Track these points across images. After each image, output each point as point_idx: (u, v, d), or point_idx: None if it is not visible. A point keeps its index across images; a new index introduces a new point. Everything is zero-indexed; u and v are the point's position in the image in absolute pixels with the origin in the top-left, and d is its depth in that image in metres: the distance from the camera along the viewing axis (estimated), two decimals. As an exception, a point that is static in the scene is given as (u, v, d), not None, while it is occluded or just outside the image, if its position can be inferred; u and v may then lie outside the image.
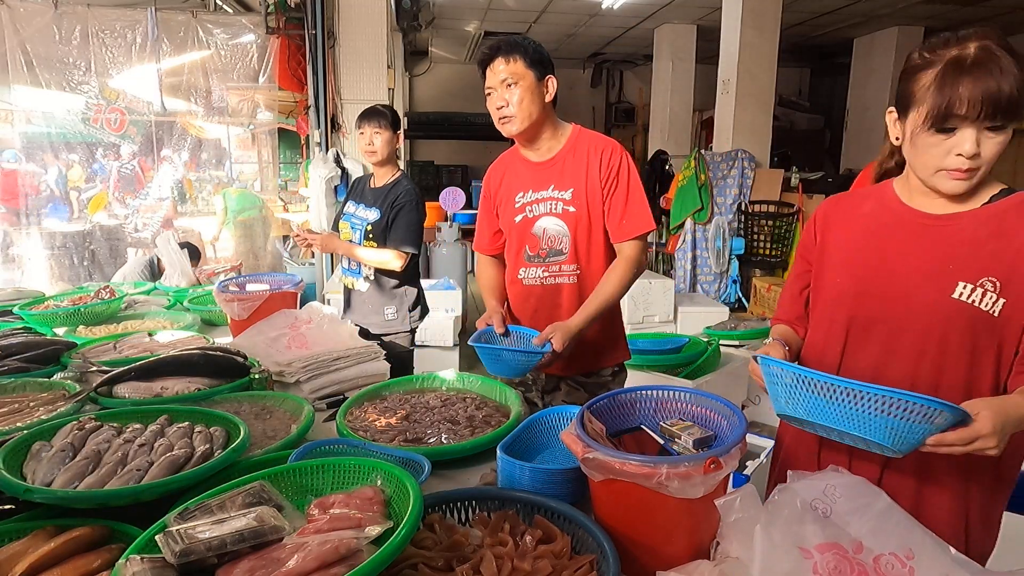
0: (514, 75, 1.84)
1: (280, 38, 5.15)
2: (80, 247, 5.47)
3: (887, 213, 1.28)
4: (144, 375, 1.78)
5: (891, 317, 1.23)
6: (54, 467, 1.22)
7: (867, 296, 1.27)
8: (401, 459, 1.34)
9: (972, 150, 1.10)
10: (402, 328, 2.79)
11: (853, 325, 1.29)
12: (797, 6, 7.39)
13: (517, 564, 1.02)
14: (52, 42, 4.89)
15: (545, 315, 1.95)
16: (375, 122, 2.71)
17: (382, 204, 2.71)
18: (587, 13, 8.15)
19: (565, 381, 2.05)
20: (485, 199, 2.10)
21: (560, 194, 1.92)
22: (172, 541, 0.93)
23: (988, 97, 1.07)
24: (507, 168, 2.04)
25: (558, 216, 1.92)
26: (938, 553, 1.04)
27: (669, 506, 1.05)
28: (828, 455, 1.34)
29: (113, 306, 2.72)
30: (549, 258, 1.94)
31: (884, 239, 1.27)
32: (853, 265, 1.30)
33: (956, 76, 1.09)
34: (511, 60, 1.84)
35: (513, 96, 1.84)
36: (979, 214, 1.17)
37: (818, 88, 11.77)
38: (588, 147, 1.91)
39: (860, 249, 1.30)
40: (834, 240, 1.35)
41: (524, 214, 1.96)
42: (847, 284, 1.31)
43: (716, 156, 6.56)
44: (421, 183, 11.82)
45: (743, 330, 4.11)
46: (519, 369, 1.81)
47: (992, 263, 1.14)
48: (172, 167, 5.86)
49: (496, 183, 2.05)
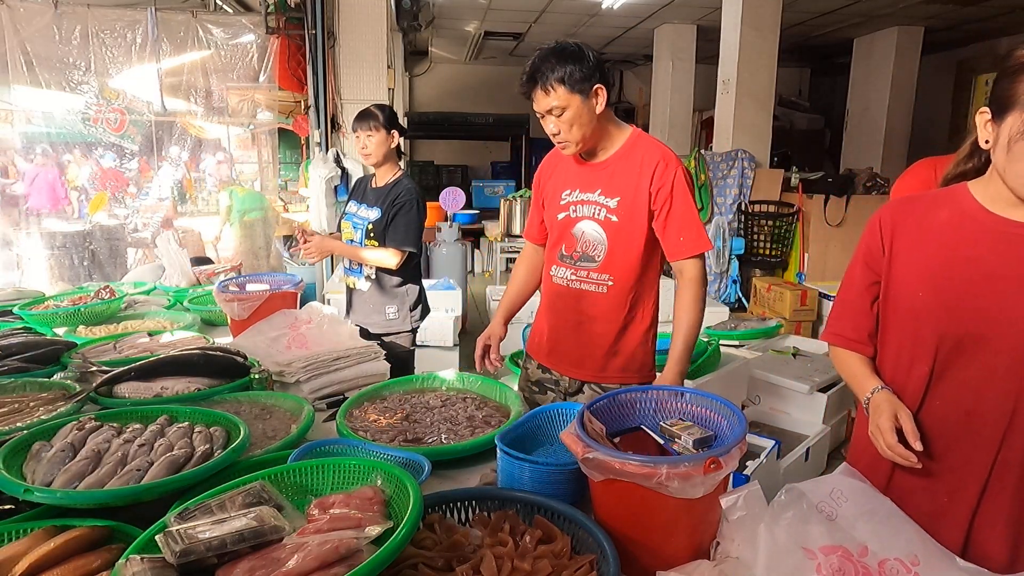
0: (559, 105, 1.72)
1: (280, 38, 5.14)
2: (80, 247, 5.47)
3: (969, 221, 1.17)
4: (144, 375, 1.78)
5: (989, 335, 1.13)
6: (54, 467, 1.22)
7: (959, 311, 1.16)
8: (401, 459, 1.34)
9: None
10: (403, 327, 2.79)
11: (943, 343, 1.18)
12: (797, 6, 7.39)
13: (517, 564, 1.02)
14: (52, 42, 4.88)
15: (565, 316, 1.94)
16: (366, 125, 2.72)
17: (383, 203, 2.72)
18: (587, 13, 8.15)
19: (590, 386, 1.99)
20: (535, 190, 2.06)
21: (606, 200, 1.84)
22: (172, 541, 0.93)
23: None
24: (558, 162, 1.96)
25: (600, 223, 1.85)
26: (944, 560, 1.04)
27: (669, 506, 1.05)
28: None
29: (113, 306, 2.72)
30: (580, 262, 1.89)
31: (970, 249, 1.16)
32: (936, 277, 1.19)
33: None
34: (551, 90, 1.71)
35: (562, 124, 1.75)
36: None
37: (818, 88, 11.77)
38: (643, 155, 1.81)
39: (942, 260, 1.18)
40: (905, 249, 1.23)
41: (567, 212, 1.90)
42: (931, 298, 1.19)
43: (716, 156, 6.56)
44: (421, 183, 11.77)
45: (743, 330, 4.12)
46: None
47: None
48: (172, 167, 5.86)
49: (547, 175, 2.00)
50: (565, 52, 1.72)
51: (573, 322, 1.92)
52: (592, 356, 1.93)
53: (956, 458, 1.21)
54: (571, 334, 1.94)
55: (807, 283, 5.83)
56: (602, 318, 1.89)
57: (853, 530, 1.06)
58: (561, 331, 1.96)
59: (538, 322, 2.06)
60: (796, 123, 10.33)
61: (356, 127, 2.76)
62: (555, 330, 1.98)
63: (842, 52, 9.57)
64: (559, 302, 1.95)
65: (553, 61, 1.70)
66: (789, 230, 6.28)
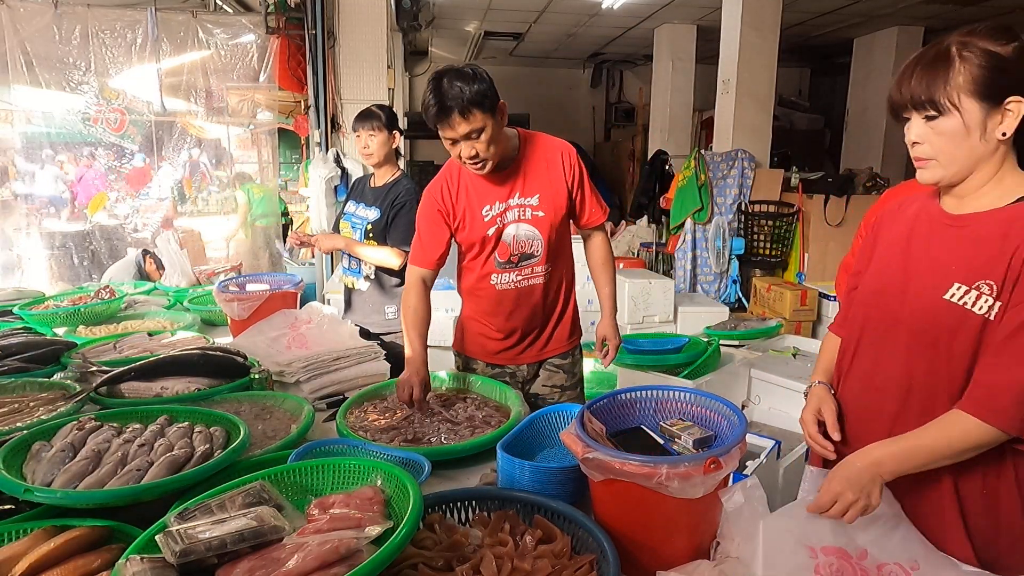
0: (476, 127, 1.74)
1: (280, 38, 5.14)
2: (80, 247, 5.47)
3: (924, 215, 1.24)
4: (144, 375, 1.78)
5: (899, 316, 1.21)
6: (54, 467, 1.22)
7: (882, 295, 1.25)
8: (401, 459, 1.34)
9: (910, 139, 1.14)
10: (402, 328, 2.79)
11: (866, 325, 1.27)
12: (797, 6, 7.39)
13: (517, 564, 1.02)
14: (52, 42, 4.88)
15: (521, 314, 2.05)
16: (368, 125, 2.72)
17: (382, 203, 2.72)
18: (587, 13, 8.15)
19: (543, 367, 2.15)
20: (434, 217, 2.00)
21: (526, 200, 1.95)
22: (172, 541, 0.93)
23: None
24: (462, 183, 1.97)
25: (527, 222, 1.96)
26: (947, 567, 1.04)
27: (669, 506, 1.05)
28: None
29: (113, 306, 2.72)
30: (521, 262, 1.99)
31: (911, 240, 1.23)
32: (880, 266, 1.28)
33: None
34: (469, 115, 1.72)
35: (480, 146, 1.78)
36: (994, 216, 1.13)
37: (818, 88, 11.77)
38: (543, 151, 1.97)
39: (892, 250, 1.27)
40: (881, 242, 1.31)
41: (496, 225, 1.94)
42: (868, 285, 1.29)
43: (716, 156, 6.55)
44: (421, 183, 11.74)
45: (743, 330, 4.11)
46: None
47: (993, 266, 1.10)
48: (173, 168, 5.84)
49: (452, 199, 1.98)
50: (466, 76, 1.73)
51: (528, 316, 2.05)
52: (548, 335, 2.11)
53: (859, 430, 1.28)
54: (527, 326, 2.07)
55: (807, 283, 5.83)
56: (550, 301, 2.08)
57: (855, 533, 1.07)
58: (518, 329, 2.07)
59: (477, 328, 2.10)
60: (796, 123, 10.32)
61: (357, 127, 2.76)
62: (509, 331, 2.07)
63: (842, 52, 9.57)
64: (505, 305, 2.03)
65: (460, 86, 1.70)
66: (789, 230, 6.28)
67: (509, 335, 2.07)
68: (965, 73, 1.07)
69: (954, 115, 1.08)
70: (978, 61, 1.06)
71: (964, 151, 1.10)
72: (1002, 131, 1.09)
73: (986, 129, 1.09)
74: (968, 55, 1.07)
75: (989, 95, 1.07)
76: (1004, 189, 1.13)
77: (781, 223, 6.27)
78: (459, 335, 2.18)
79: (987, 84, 1.06)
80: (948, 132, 1.10)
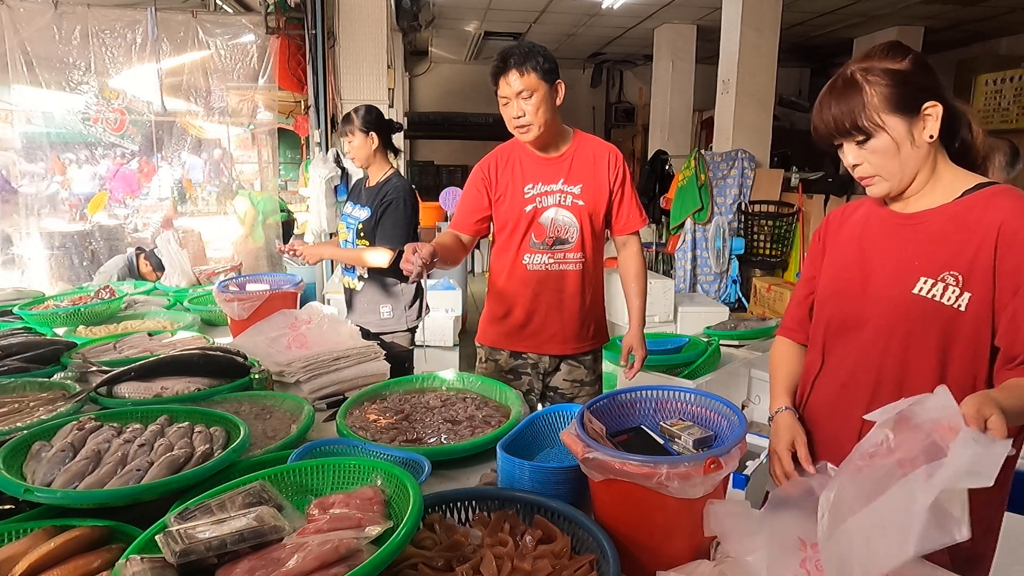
0: (529, 87, 1.91)
1: (280, 38, 5.14)
2: (80, 247, 5.46)
3: (874, 217, 1.30)
4: (144, 375, 1.78)
5: (863, 315, 1.25)
6: (54, 467, 1.22)
7: (843, 296, 1.29)
8: (401, 459, 1.34)
9: (848, 163, 1.22)
10: (399, 327, 2.79)
11: (830, 326, 1.32)
12: (797, 6, 7.39)
13: (517, 564, 1.02)
14: (52, 42, 4.88)
15: (547, 298, 2.11)
16: (345, 129, 2.77)
17: (373, 202, 2.73)
18: (587, 13, 8.15)
19: (565, 361, 2.21)
20: (478, 185, 2.14)
21: (570, 188, 2.07)
22: (172, 541, 0.93)
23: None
24: (512, 159, 2.11)
25: (567, 208, 2.07)
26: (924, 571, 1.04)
27: (669, 506, 1.05)
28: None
29: (113, 306, 2.72)
30: (555, 246, 2.09)
31: (864, 241, 1.29)
32: (836, 268, 1.33)
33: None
34: (525, 72, 1.90)
35: (529, 107, 1.93)
36: (948, 209, 1.19)
37: (818, 88, 11.62)
38: (593, 149, 2.10)
39: (844, 253, 1.32)
40: (831, 246, 1.37)
41: (534, 204, 2.07)
42: (827, 287, 1.34)
43: (716, 156, 6.56)
44: (421, 183, 11.81)
45: (743, 330, 4.11)
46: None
47: (955, 257, 1.15)
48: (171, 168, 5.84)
49: (497, 170, 2.12)
50: (535, 46, 1.95)
51: (555, 302, 2.11)
52: (573, 329, 2.15)
53: (831, 430, 1.31)
54: (553, 313, 2.12)
55: (807, 283, 5.82)
56: (580, 292, 2.13)
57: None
58: (542, 313, 2.13)
59: (504, 311, 2.16)
60: (796, 123, 10.32)
61: (341, 132, 2.82)
62: (534, 313, 2.13)
63: (842, 52, 9.58)
64: (537, 287, 2.11)
65: (525, 50, 1.92)
66: (789, 230, 6.28)
67: (534, 319, 2.13)
68: (877, 95, 1.15)
69: (881, 134, 1.16)
70: (884, 81, 1.15)
71: (900, 162, 1.18)
72: (928, 134, 1.16)
73: (914, 138, 1.16)
74: (873, 79, 1.16)
75: (905, 107, 1.15)
76: (945, 185, 1.20)
77: (781, 223, 6.27)
78: (484, 327, 2.26)
79: (900, 99, 1.15)
80: (881, 150, 1.17)
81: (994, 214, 1.12)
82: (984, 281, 1.13)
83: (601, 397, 1.34)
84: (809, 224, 6.21)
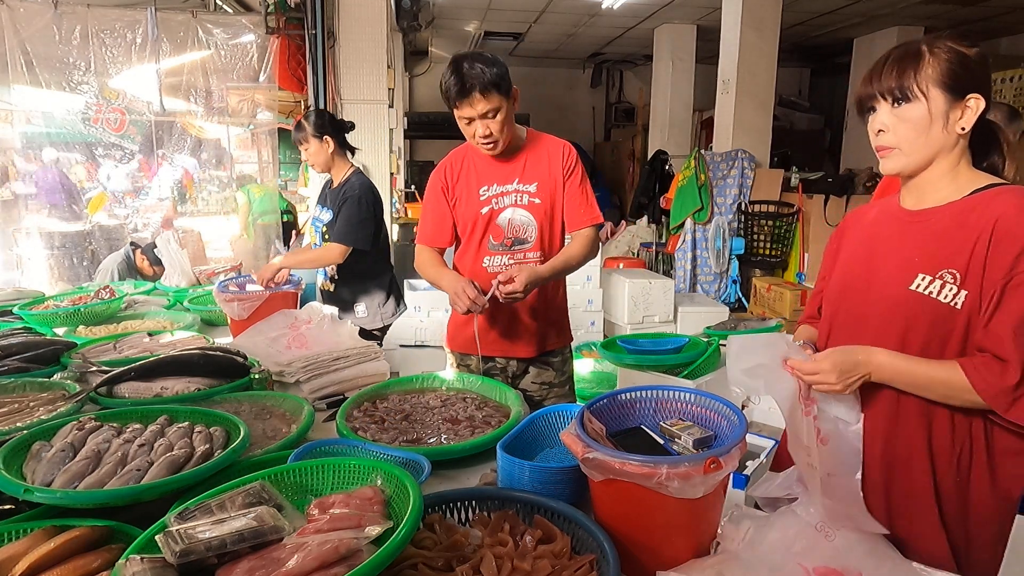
0: (494, 107, 1.88)
1: (280, 38, 5.14)
2: (80, 247, 5.46)
3: (885, 216, 1.31)
4: (144, 375, 1.78)
5: (860, 313, 1.27)
6: (54, 467, 1.22)
7: (849, 291, 1.31)
8: (401, 459, 1.34)
9: (875, 128, 1.22)
10: (373, 325, 2.80)
11: (834, 322, 1.34)
12: (797, 6, 7.39)
13: (517, 564, 1.02)
14: (52, 42, 4.87)
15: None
16: (298, 137, 2.80)
17: (333, 203, 2.76)
18: (587, 13, 8.15)
19: (532, 364, 2.18)
20: (438, 193, 2.11)
21: (525, 187, 2.04)
22: (172, 541, 0.93)
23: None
24: (466, 162, 2.10)
25: (524, 208, 2.05)
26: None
27: (669, 506, 1.05)
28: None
29: (113, 306, 2.72)
30: (514, 246, 2.07)
31: (874, 240, 1.31)
32: (845, 266, 1.35)
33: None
34: (488, 96, 1.86)
35: (495, 126, 1.91)
36: (953, 207, 1.19)
37: (818, 88, 11.77)
38: (546, 145, 2.07)
39: (855, 251, 1.34)
40: (845, 246, 1.39)
41: (490, 206, 2.05)
42: (836, 283, 1.36)
43: (716, 156, 6.56)
44: (421, 183, 11.77)
45: (743, 330, 4.11)
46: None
47: (954, 255, 1.15)
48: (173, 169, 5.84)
49: (453, 178, 2.10)
50: (486, 59, 1.86)
51: (519, 304, 2.04)
52: (538, 330, 2.13)
53: None
54: (517, 315, 2.09)
55: (807, 283, 5.83)
56: (542, 292, 2.09)
57: (847, 557, 1.08)
58: (506, 316, 2.09)
59: (469, 316, 2.05)
60: (796, 123, 10.33)
61: None
62: (498, 318, 2.09)
63: (842, 52, 9.57)
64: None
65: (481, 67, 1.83)
66: (789, 230, 6.28)
67: (498, 321, 2.10)
68: (935, 65, 1.15)
69: (921, 102, 1.16)
70: (947, 56, 1.15)
71: (926, 139, 1.17)
72: (961, 125, 1.17)
73: (948, 120, 1.16)
74: (937, 51, 1.16)
75: (954, 87, 1.15)
76: (959, 184, 1.20)
77: (781, 223, 6.28)
78: (451, 331, 2.23)
79: (953, 77, 1.15)
80: (913, 119, 1.17)
81: (994, 210, 1.13)
82: (979, 277, 1.13)
83: (601, 397, 1.34)
84: (809, 224, 6.21)
